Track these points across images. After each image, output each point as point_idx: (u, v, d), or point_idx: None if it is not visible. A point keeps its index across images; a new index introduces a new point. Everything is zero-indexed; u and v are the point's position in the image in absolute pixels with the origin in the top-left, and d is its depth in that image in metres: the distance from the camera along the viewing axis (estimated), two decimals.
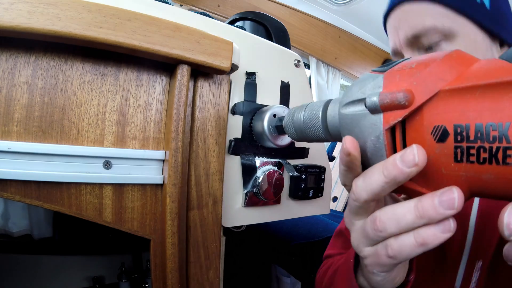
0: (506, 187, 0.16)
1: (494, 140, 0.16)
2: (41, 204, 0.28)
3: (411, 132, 0.19)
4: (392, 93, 0.19)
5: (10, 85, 0.27)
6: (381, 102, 0.20)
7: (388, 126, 0.20)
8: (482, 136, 0.16)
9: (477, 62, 0.19)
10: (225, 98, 0.38)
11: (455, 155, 0.17)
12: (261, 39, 0.45)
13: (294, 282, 1.33)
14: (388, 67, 0.22)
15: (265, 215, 0.46)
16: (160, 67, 0.34)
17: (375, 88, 0.22)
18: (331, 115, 0.28)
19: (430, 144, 0.18)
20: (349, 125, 0.24)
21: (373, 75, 0.23)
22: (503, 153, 0.16)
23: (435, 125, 0.18)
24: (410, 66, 0.20)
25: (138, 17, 0.28)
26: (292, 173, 0.44)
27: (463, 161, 0.17)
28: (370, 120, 0.21)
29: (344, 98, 0.25)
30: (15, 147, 0.27)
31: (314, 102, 0.32)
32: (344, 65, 2.49)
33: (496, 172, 0.16)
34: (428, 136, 0.18)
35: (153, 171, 0.33)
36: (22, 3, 0.24)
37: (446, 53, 0.20)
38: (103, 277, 1.01)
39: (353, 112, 0.23)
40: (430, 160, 0.19)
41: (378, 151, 0.21)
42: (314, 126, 0.30)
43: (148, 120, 0.33)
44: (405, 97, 0.19)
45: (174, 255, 0.32)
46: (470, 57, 0.19)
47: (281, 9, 2.01)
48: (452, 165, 0.18)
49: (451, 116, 0.17)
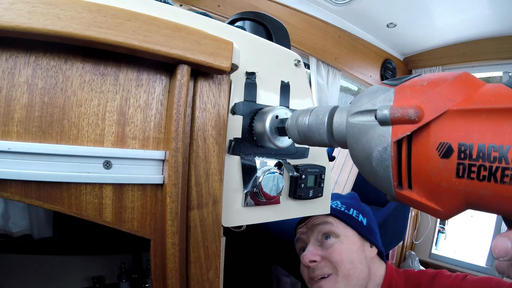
0: (500, 203, 0.18)
1: (494, 160, 0.18)
2: (41, 204, 0.28)
3: (417, 146, 0.21)
4: (403, 108, 0.21)
5: (10, 85, 0.27)
6: (392, 116, 0.21)
7: (396, 138, 0.21)
8: (484, 156, 0.18)
9: (484, 86, 0.20)
10: (225, 98, 0.38)
11: (457, 171, 0.19)
12: (261, 39, 0.45)
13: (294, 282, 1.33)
14: (398, 81, 0.23)
15: (265, 215, 0.46)
16: (160, 67, 0.34)
17: (385, 101, 0.23)
18: (337, 122, 0.29)
19: (434, 159, 0.20)
20: (357, 134, 0.25)
21: (383, 88, 0.24)
22: (501, 173, 0.17)
23: (440, 142, 0.20)
24: (422, 84, 0.22)
25: (138, 17, 0.28)
26: (292, 173, 0.44)
27: (464, 177, 0.19)
28: (379, 131, 0.22)
29: (353, 107, 0.26)
30: (15, 147, 0.27)
31: (319, 107, 0.32)
32: (344, 65, 2.49)
33: (493, 189, 0.18)
34: (433, 151, 0.20)
35: (153, 171, 0.33)
36: (22, 3, 0.24)
37: (456, 74, 0.21)
38: (103, 277, 1.01)
39: (361, 121, 0.24)
40: (433, 174, 0.20)
41: (384, 161, 0.22)
42: (319, 131, 0.31)
43: (148, 120, 0.33)
44: (416, 113, 0.20)
45: (174, 255, 0.32)
46: (477, 81, 0.21)
47: (281, 9, 2.01)
48: (454, 179, 0.19)
49: (456, 135, 0.19)
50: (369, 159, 0.23)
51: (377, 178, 0.24)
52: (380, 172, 0.23)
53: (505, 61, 2.50)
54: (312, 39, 2.22)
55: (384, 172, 0.22)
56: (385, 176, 0.23)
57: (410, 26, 2.48)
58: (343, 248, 0.64)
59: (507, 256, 0.18)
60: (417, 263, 2.49)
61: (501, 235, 0.19)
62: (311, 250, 0.65)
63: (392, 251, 2.24)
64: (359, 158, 0.25)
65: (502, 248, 0.18)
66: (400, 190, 0.22)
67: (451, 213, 0.21)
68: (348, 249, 0.64)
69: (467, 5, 2.09)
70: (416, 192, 0.22)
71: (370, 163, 0.23)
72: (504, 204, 0.18)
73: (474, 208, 0.20)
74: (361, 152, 0.24)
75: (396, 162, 0.22)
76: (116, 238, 0.96)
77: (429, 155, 0.20)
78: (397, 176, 0.22)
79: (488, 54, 2.54)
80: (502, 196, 0.18)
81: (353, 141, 0.25)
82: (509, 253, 0.18)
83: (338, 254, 0.63)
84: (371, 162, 0.23)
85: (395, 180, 0.22)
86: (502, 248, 0.18)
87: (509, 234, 0.18)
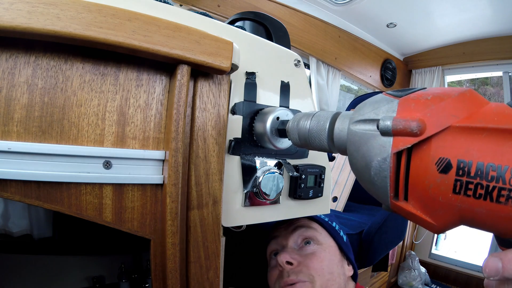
0: (494, 222, 0.19)
1: (492, 179, 0.18)
2: (41, 204, 0.28)
3: (417, 159, 0.21)
4: (406, 120, 0.21)
5: (10, 85, 0.27)
6: (394, 127, 0.21)
7: (396, 150, 0.21)
8: (482, 174, 0.18)
9: (487, 105, 0.20)
10: (225, 98, 0.38)
11: (454, 187, 0.19)
12: (261, 39, 0.45)
13: None
14: (403, 93, 0.23)
15: (265, 215, 0.46)
16: (160, 67, 0.34)
17: (389, 111, 0.23)
18: (339, 128, 0.29)
19: (433, 173, 0.20)
20: (358, 142, 0.25)
21: (387, 98, 0.24)
22: (497, 192, 0.18)
23: (440, 157, 0.20)
24: (426, 98, 0.22)
25: (138, 17, 0.28)
26: (292, 173, 0.44)
27: (461, 194, 0.19)
28: (380, 141, 0.22)
29: (355, 115, 0.26)
30: (15, 147, 0.27)
31: (321, 112, 0.32)
32: (344, 65, 2.49)
33: (488, 208, 0.18)
34: (432, 166, 0.20)
35: (153, 171, 0.33)
36: (22, 3, 0.24)
37: (461, 91, 0.21)
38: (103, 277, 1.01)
39: (363, 130, 0.24)
40: (430, 188, 0.20)
41: (383, 171, 0.22)
42: (319, 136, 0.31)
43: (148, 120, 0.33)
44: (418, 127, 0.20)
45: (174, 255, 0.32)
46: (481, 99, 0.21)
47: (281, 9, 2.01)
48: (450, 195, 0.19)
49: (456, 151, 0.19)
50: (367, 168, 0.23)
51: (374, 188, 0.24)
52: (377, 181, 0.23)
53: (505, 61, 2.50)
54: (312, 39, 2.22)
55: (382, 182, 0.23)
56: (382, 186, 0.23)
57: (410, 26, 2.48)
58: (325, 257, 0.59)
59: (497, 276, 0.18)
60: (417, 263, 2.49)
61: (493, 255, 0.19)
62: (288, 251, 0.59)
63: (392, 251, 2.24)
64: (358, 166, 0.25)
65: (493, 268, 0.19)
66: (396, 201, 0.23)
67: (445, 227, 0.21)
68: (329, 259, 0.60)
69: (467, 5, 2.09)
70: (411, 204, 0.22)
71: (369, 172, 0.23)
72: (498, 224, 0.18)
73: (468, 224, 0.20)
74: (360, 161, 0.24)
75: (394, 173, 0.22)
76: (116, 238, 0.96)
77: (427, 169, 0.20)
78: (394, 187, 0.22)
79: (488, 54, 2.54)
80: (496, 215, 0.18)
81: (353, 148, 0.25)
82: (499, 273, 0.18)
83: (319, 261, 0.58)
84: (369, 171, 0.23)
85: (391, 191, 0.22)
86: (493, 268, 0.19)
87: (501, 255, 0.19)
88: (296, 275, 0.56)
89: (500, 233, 0.20)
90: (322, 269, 0.57)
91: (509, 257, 0.18)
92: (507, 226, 0.18)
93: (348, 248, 0.68)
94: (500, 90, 2.76)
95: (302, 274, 0.57)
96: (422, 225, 0.22)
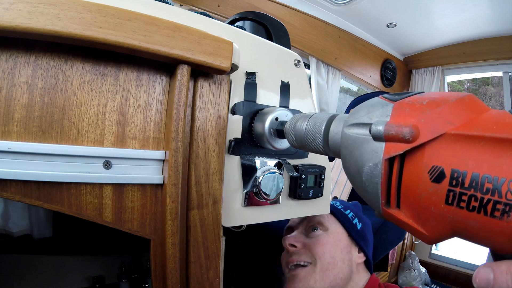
0: (487, 236, 0.18)
1: (487, 192, 0.17)
2: (41, 204, 0.28)
3: (409, 167, 0.20)
4: (398, 126, 0.20)
5: (10, 85, 0.27)
6: (386, 133, 0.20)
7: (388, 156, 0.21)
8: (477, 186, 0.17)
9: (488, 112, 0.19)
10: (225, 98, 0.38)
11: (447, 198, 0.18)
12: (261, 39, 0.45)
13: None
14: (399, 97, 0.23)
15: (265, 215, 0.46)
16: (160, 67, 0.34)
17: (382, 116, 0.22)
18: (334, 131, 0.28)
19: (425, 182, 0.19)
20: (350, 146, 0.24)
21: (383, 102, 0.23)
22: (492, 206, 0.17)
23: (433, 165, 0.19)
24: (422, 102, 0.21)
25: (138, 17, 0.28)
26: (292, 173, 0.44)
27: (453, 205, 0.18)
28: (372, 146, 0.22)
29: (350, 119, 0.25)
30: (15, 147, 0.27)
31: (318, 114, 0.32)
32: (344, 65, 2.49)
33: (482, 221, 0.17)
34: (424, 174, 0.19)
35: (153, 171, 0.33)
36: (22, 3, 0.24)
37: (459, 96, 0.20)
38: (103, 277, 1.01)
39: (356, 134, 0.23)
40: (422, 197, 0.19)
41: (374, 177, 0.22)
42: (315, 139, 0.30)
43: (148, 120, 0.33)
44: (411, 133, 0.19)
45: (174, 255, 0.32)
46: (481, 105, 0.20)
47: (281, 9, 2.01)
48: (442, 206, 0.19)
49: (451, 160, 0.18)
50: (359, 173, 0.23)
51: (366, 193, 0.23)
52: (369, 187, 0.22)
53: (505, 61, 2.51)
54: (312, 39, 2.22)
55: (373, 188, 0.22)
56: (374, 193, 0.22)
57: (410, 26, 2.48)
58: (328, 241, 0.63)
59: (488, 287, 0.18)
60: (417, 263, 2.49)
61: (484, 266, 0.18)
62: (294, 235, 0.66)
63: (392, 251, 2.24)
64: (351, 170, 0.24)
65: (483, 278, 0.18)
66: (387, 208, 0.22)
67: (437, 238, 0.20)
68: (332, 244, 0.63)
69: (467, 5, 2.09)
70: (403, 212, 0.21)
71: (360, 177, 0.23)
72: (492, 238, 0.17)
73: (461, 237, 0.20)
74: (353, 165, 0.24)
75: (386, 180, 0.21)
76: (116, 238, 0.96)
77: (420, 177, 0.19)
78: (385, 194, 0.22)
79: (488, 54, 2.54)
80: (490, 230, 0.17)
81: (346, 152, 0.25)
82: (490, 284, 0.18)
83: (321, 245, 0.62)
84: (361, 176, 0.23)
85: (383, 198, 0.22)
86: (483, 279, 0.18)
87: (493, 265, 0.18)
88: (298, 256, 0.63)
89: (494, 248, 0.19)
90: (324, 252, 0.61)
91: (502, 268, 0.17)
92: (501, 241, 0.17)
93: (360, 236, 0.69)
94: (501, 90, 2.76)
95: (305, 255, 0.63)
96: (414, 235, 0.21)
